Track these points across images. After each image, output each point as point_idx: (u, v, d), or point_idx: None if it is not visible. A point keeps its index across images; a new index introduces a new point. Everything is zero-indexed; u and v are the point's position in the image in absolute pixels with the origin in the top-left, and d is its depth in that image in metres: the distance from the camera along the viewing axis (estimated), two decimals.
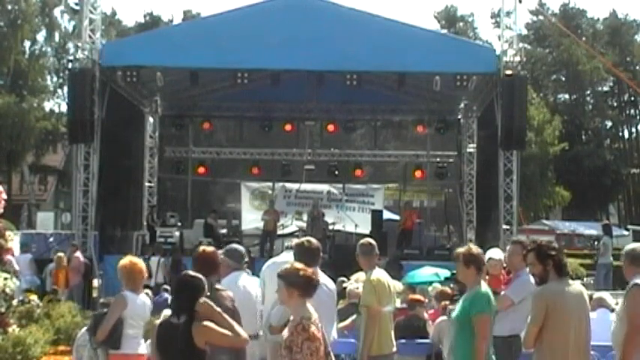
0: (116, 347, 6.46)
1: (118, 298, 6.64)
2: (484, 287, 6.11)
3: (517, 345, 7.15)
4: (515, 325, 7.09)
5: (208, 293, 5.28)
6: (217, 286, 6.06)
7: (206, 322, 5.06)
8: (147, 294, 7.26)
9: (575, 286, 5.56)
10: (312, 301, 5.60)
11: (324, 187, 26.06)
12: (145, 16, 52.67)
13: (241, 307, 6.13)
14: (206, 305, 5.09)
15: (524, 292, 7.05)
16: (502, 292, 7.24)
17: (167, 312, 5.34)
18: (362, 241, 7.60)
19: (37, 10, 44.56)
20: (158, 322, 5.24)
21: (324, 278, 6.51)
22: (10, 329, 9.30)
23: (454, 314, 6.12)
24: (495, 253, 7.79)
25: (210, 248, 6.47)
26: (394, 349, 7.33)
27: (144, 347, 6.62)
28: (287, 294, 5.12)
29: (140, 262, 6.82)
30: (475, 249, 6.26)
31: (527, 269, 7.26)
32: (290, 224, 23.69)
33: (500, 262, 7.55)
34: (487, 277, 7.67)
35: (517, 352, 7.18)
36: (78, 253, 17.78)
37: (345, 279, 12.09)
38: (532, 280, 7.26)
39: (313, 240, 6.61)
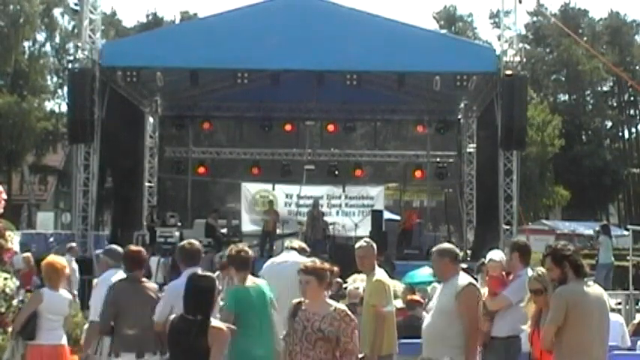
0: (30, 338, 7.05)
1: (35, 293, 7.42)
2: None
3: (516, 346, 7.14)
4: (514, 326, 7.08)
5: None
6: (143, 279, 6.85)
7: (221, 325, 5.13)
8: (69, 290, 7.87)
9: (596, 287, 5.53)
10: None
11: (324, 191, 25.99)
12: (147, 16, 52.71)
13: None
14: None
15: (522, 293, 7.04)
16: (500, 293, 7.24)
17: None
18: (361, 242, 7.59)
19: (40, 10, 44.53)
20: (172, 317, 5.34)
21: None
22: (10, 329, 9.29)
23: None
24: (495, 255, 7.77)
25: (137, 247, 7.31)
26: (397, 349, 7.35)
27: (64, 339, 7.25)
28: (320, 289, 5.27)
29: (61, 261, 7.49)
30: (236, 250, 6.65)
31: (528, 270, 7.27)
32: (290, 226, 23.67)
33: (501, 264, 7.53)
34: (487, 279, 7.67)
35: (516, 354, 7.16)
36: None
37: (340, 280, 12.08)
38: None
39: (194, 241, 7.03)
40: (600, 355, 5.41)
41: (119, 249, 7.57)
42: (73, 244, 16.55)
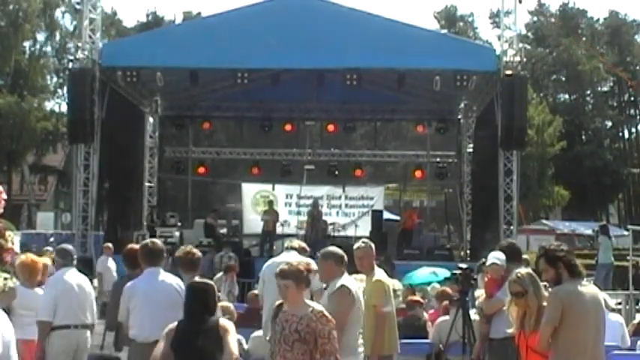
0: None
1: (8, 289, 7.53)
2: None
3: (513, 346, 7.16)
4: (510, 327, 7.12)
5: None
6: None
7: (229, 322, 5.20)
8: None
9: (590, 287, 5.54)
10: (149, 300, 6.24)
11: (324, 191, 25.99)
12: (147, 16, 52.74)
13: (64, 298, 7.10)
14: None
15: None
16: (495, 295, 7.25)
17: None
18: (359, 243, 7.58)
19: (39, 9, 44.52)
20: (173, 325, 5.40)
21: (167, 276, 6.66)
22: None
23: None
24: (498, 258, 7.76)
25: (136, 246, 7.36)
26: (398, 349, 7.37)
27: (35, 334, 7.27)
28: (298, 291, 5.23)
29: (40, 261, 7.66)
30: (184, 251, 6.90)
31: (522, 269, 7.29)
32: (290, 226, 23.68)
33: (503, 267, 7.51)
34: (486, 280, 7.68)
35: (515, 353, 7.17)
36: None
37: None
38: None
39: (157, 241, 7.10)
40: (597, 354, 5.41)
41: (69, 248, 7.76)
42: (110, 245, 16.38)
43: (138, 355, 6.22)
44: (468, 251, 22.61)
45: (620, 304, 13.47)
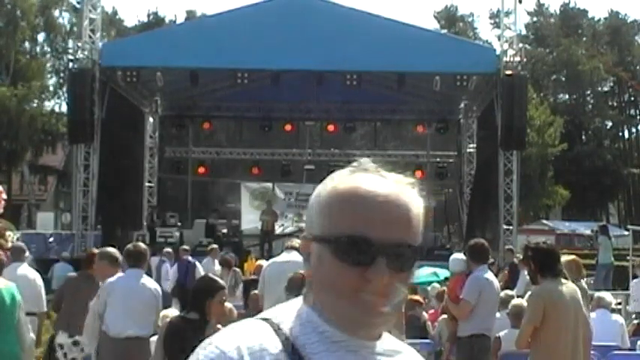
0: None
1: None
2: None
3: (479, 345, 7.18)
4: (478, 325, 7.14)
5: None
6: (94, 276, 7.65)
7: (219, 326, 5.17)
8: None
9: (569, 285, 5.56)
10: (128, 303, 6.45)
11: None
12: (148, 16, 52.63)
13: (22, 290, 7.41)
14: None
15: (475, 290, 7.11)
16: (461, 300, 7.26)
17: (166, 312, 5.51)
18: None
19: (37, 9, 44.45)
20: (169, 319, 5.40)
21: (147, 280, 6.92)
22: None
23: None
24: (459, 257, 7.96)
25: (94, 251, 8.38)
26: None
27: None
28: None
29: None
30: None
31: (480, 268, 7.38)
32: (290, 225, 23.70)
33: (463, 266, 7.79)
34: (452, 280, 7.86)
35: (482, 352, 7.18)
36: None
37: None
38: (486, 275, 7.39)
39: (140, 244, 7.57)
40: (577, 352, 5.41)
41: (22, 246, 8.70)
42: (169, 250, 15.88)
43: (109, 348, 6.48)
44: None
45: (620, 304, 13.46)
